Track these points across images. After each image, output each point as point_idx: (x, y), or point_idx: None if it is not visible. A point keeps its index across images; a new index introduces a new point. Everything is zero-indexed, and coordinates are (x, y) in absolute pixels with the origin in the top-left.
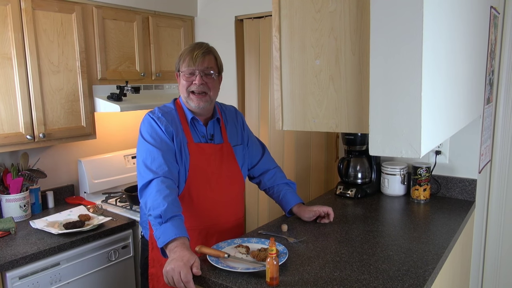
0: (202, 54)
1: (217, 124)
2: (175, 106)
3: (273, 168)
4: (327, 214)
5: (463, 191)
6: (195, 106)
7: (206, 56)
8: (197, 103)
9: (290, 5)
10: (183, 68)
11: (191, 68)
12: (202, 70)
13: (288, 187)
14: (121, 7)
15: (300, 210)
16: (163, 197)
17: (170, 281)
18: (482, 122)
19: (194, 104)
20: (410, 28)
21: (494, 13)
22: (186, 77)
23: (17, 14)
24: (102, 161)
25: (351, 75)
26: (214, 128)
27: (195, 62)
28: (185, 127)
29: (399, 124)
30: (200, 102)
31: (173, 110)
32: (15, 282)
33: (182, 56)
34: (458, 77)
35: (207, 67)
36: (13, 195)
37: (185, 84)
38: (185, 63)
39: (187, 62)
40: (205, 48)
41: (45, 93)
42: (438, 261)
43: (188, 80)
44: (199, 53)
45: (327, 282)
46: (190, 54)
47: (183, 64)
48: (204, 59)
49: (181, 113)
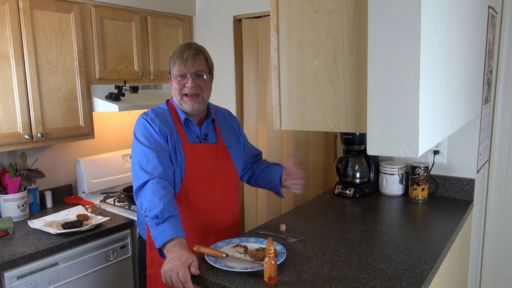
0: (193, 55)
1: (211, 124)
2: (168, 107)
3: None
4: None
5: (461, 191)
6: (189, 108)
7: (197, 58)
8: (190, 105)
9: (288, 5)
10: (174, 71)
11: (182, 71)
12: (194, 72)
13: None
14: (119, 6)
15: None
16: (159, 197)
17: (168, 281)
18: (480, 121)
19: (188, 106)
20: (408, 28)
21: (492, 13)
22: (177, 80)
23: (15, 14)
24: (100, 161)
25: (349, 75)
26: (208, 129)
27: (186, 65)
28: (179, 128)
29: (397, 124)
30: (193, 104)
31: (166, 111)
32: (13, 282)
33: (172, 58)
34: (456, 76)
35: (198, 70)
36: (11, 195)
37: (178, 87)
38: (175, 66)
39: (178, 65)
40: (194, 49)
41: (43, 93)
42: (436, 260)
43: (180, 84)
44: (189, 54)
45: (325, 281)
46: (180, 57)
47: (174, 67)
48: (194, 61)
49: (175, 114)
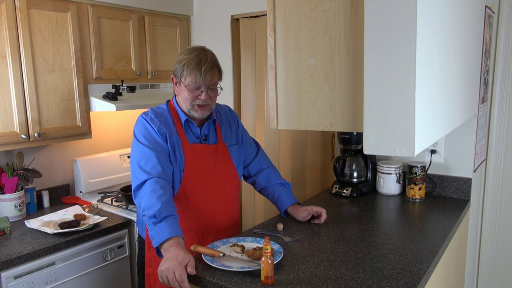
0: (210, 69)
1: (213, 125)
2: (168, 108)
3: (267, 168)
4: (319, 214)
5: (458, 190)
6: (199, 116)
7: (213, 71)
8: (201, 113)
9: (285, 4)
10: (188, 81)
11: (198, 84)
12: (208, 85)
13: (283, 188)
14: (116, 6)
15: (294, 210)
16: (157, 197)
17: (165, 280)
18: (477, 121)
19: (198, 114)
20: (404, 28)
21: (489, 13)
22: (191, 91)
23: (11, 13)
24: (97, 161)
25: (345, 74)
26: (209, 129)
27: (203, 79)
28: (179, 128)
29: (393, 123)
30: (203, 112)
31: (166, 111)
32: (10, 282)
33: (186, 67)
34: (452, 76)
35: (213, 83)
36: (8, 195)
37: (190, 98)
38: (191, 77)
39: (194, 77)
40: (211, 63)
41: (40, 92)
42: (433, 259)
43: (193, 95)
44: (207, 68)
45: (322, 280)
46: (198, 69)
47: (188, 78)
48: (212, 75)
49: (175, 114)
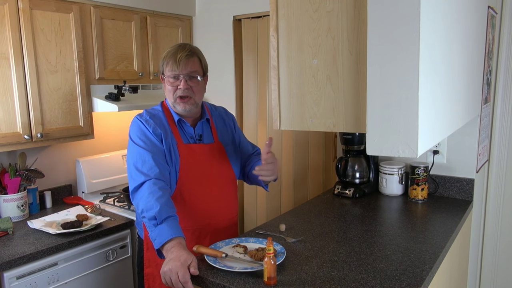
0: (186, 57)
1: (207, 124)
2: (162, 109)
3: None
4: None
5: (461, 191)
6: (182, 109)
7: (190, 59)
8: (183, 107)
9: (287, 4)
10: (167, 72)
11: (174, 72)
12: (187, 74)
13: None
14: (119, 6)
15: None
16: (156, 198)
17: (168, 281)
18: (480, 121)
19: (181, 108)
20: (407, 28)
21: (491, 13)
22: (170, 82)
23: (14, 14)
24: (100, 161)
25: (348, 75)
26: (203, 129)
27: (178, 66)
28: (174, 129)
29: (396, 124)
30: (186, 106)
31: (161, 112)
32: (12, 282)
33: (165, 59)
34: (455, 76)
35: (192, 71)
36: (11, 195)
37: (171, 90)
38: (168, 66)
39: (171, 66)
40: (188, 50)
41: (43, 93)
42: (436, 260)
43: (173, 85)
44: (183, 56)
45: (324, 281)
46: (173, 57)
47: (167, 68)
48: (187, 62)
49: (169, 115)
